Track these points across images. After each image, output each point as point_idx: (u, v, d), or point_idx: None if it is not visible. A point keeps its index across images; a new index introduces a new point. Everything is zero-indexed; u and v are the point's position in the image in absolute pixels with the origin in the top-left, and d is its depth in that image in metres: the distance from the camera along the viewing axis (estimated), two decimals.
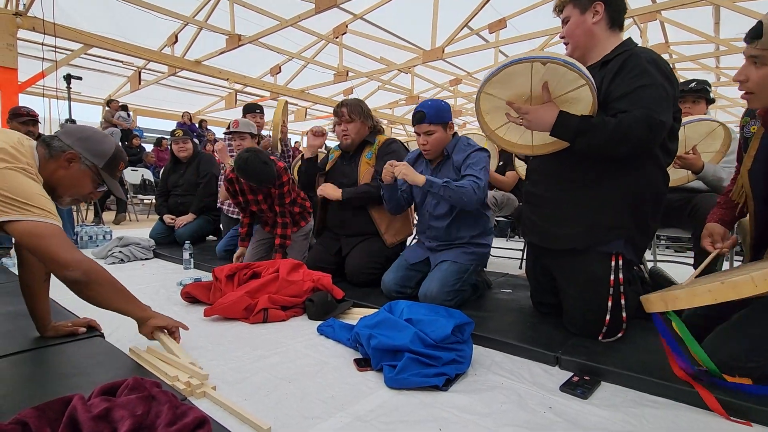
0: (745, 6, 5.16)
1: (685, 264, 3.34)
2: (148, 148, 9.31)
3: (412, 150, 2.37)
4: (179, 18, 6.32)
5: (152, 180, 7.12)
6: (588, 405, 1.16)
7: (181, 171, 3.84)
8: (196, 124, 10.05)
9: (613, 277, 1.50)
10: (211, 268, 2.37)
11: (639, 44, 1.55)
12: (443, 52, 6.82)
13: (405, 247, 2.56)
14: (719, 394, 1.11)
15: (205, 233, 3.89)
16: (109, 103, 8.85)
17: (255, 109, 3.76)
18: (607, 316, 1.49)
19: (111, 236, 3.72)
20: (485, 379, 1.32)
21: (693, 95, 2.34)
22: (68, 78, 4.62)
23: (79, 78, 4.79)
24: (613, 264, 1.50)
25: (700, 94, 2.35)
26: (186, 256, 2.93)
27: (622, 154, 1.41)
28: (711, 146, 2.12)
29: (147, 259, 3.30)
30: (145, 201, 7.28)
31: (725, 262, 2.18)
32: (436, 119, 1.98)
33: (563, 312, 1.65)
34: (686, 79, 2.42)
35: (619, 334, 1.52)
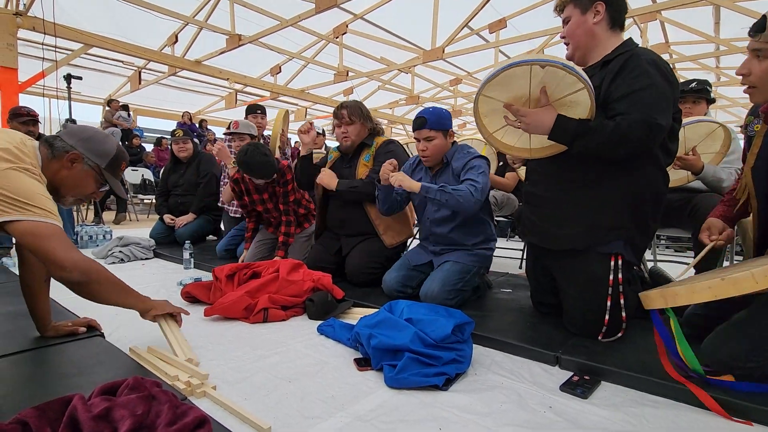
0: (745, 6, 5.16)
1: (685, 264, 3.33)
2: (149, 147, 9.32)
3: (412, 154, 2.36)
4: (179, 18, 6.32)
5: (152, 180, 7.13)
6: (588, 405, 1.16)
7: (181, 171, 3.84)
8: (197, 124, 10.06)
9: (612, 277, 1.50)
10: (211, 268, 2.38)
11: (639, 44, 1.55)
12: (443, 52, 6.82)
13: (405, 247, 2.55)
14: (719, 394, 1.11)
15: (205, 233, 3.90)
16: (109, 103, 8.87)
17: (256, 110, 3.78)
18: (607, 316, 1.49)
19: (111, 236, 3.73)
20: (485, 378, 1.32)
21: (693, 95, 2.34)
22: (68, 78, 4.63)
23: (80, 78, 4.80)
24: (613, 264, 1.50)
25: (701, 94, 2.34)
26: (186, 256, 2.93)
27: (621, 157, 1.41)
28: (711, 147, 2.12)
29: (147, 258, 3.31)
30: (145, 201, 7.28)
31: (725, 262, 2.18)
32: (437, 125, 1.99)
33: (563, 312, 1.65)
34: (686, 79, 2.42)
35: (619, 334, 1.53)
